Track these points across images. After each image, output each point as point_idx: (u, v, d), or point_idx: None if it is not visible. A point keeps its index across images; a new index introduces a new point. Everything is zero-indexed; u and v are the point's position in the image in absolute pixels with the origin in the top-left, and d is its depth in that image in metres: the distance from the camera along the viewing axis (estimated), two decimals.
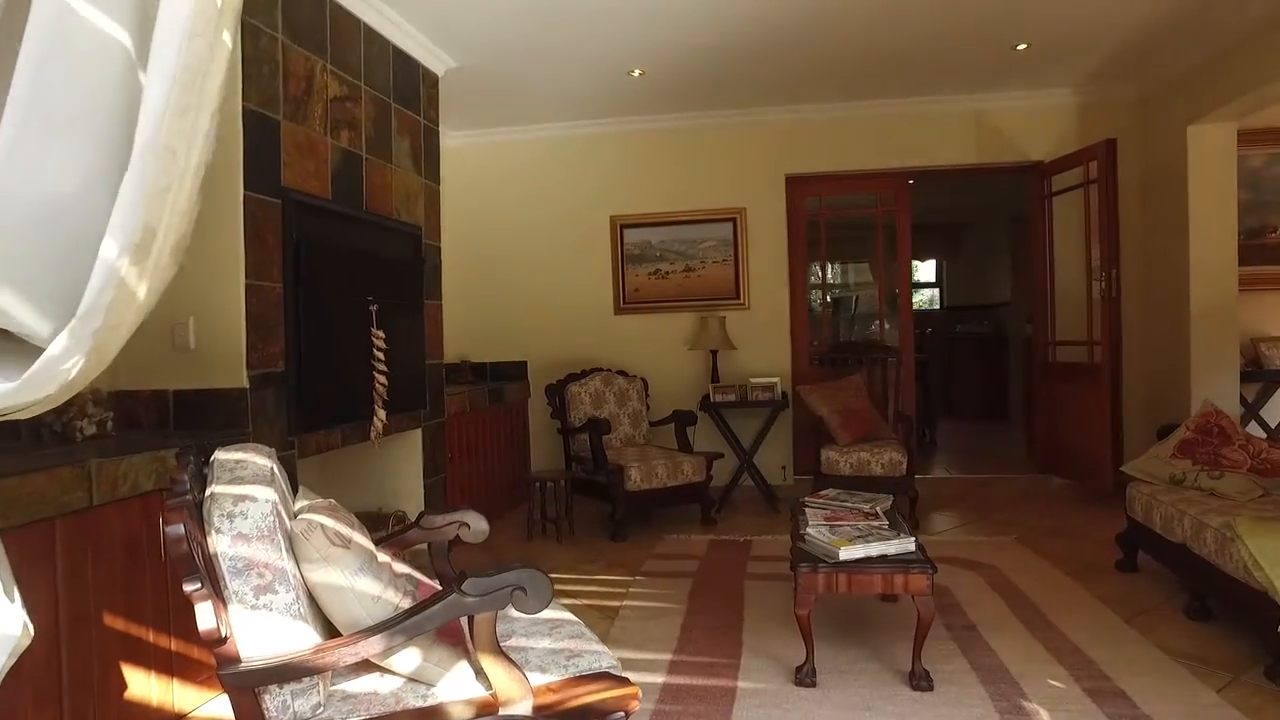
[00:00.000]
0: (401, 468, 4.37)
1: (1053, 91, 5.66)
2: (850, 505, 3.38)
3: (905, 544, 2.81)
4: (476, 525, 2.29)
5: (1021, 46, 4.74)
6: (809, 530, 2.93)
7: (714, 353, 5.90)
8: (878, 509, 3.35)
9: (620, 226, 6.19)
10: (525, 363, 6.25)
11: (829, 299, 9.77)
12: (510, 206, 6.31)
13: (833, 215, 6.26)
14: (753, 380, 5.77)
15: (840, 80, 5.37)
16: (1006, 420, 9.06)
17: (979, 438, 8.00)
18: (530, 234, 6.29)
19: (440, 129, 4.66)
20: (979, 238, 9.84)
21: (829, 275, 9.86)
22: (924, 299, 10.95)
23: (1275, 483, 3.63)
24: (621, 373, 5.80)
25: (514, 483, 5.89)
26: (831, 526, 3.05)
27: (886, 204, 6.09)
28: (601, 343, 6.20)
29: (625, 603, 3.75)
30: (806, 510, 3.31)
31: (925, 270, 11.01)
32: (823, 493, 3.60)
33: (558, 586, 4.11)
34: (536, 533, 5.01)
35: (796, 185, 6.07)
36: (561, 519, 4.94)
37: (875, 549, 2.77)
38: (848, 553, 2.73)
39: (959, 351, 9.68)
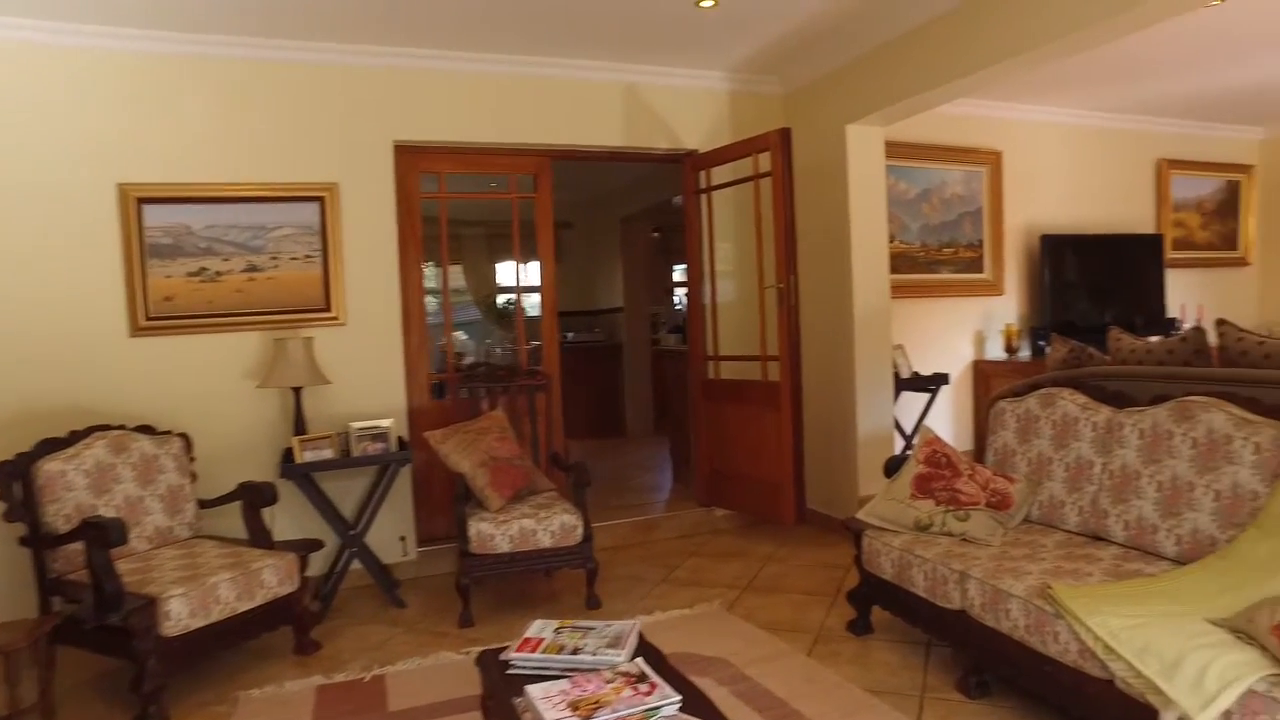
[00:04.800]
0: None
1: (707, 74, 4.96)
2: (595, 657, 2.04)
3: None
4: None
5: (707, 3, 3.86)
6: None
7: (297, 390, 4.08)
8: (636, 660, 2.07)
9: (138, 202, 4.00)
10: None
11: (466, 305, 8.30)
12: None
13: (457, 201, 4.82)
14: (356, 426, 4.09)
15: (468, 16, 3.98)
16: (624, 435, 8.51)
17: (604, 460, 7.22)
18: None
19: None
20: (584, 238, 9.19)
21: (453, 278, 8.38)
22: (529, 305, 10.04)
23: (1009, 516, 3.19)
24: (145, 429, 3.69)
25: None
26: None
27: (524, 188, 4.86)
28: (109, 383, 3.94)
29: None
30: (528, 693, 1.88)
31: (530, 273, 10.10)
32: (530, 637, 2.20)
33: None
34: None
35: (409, 157, 4.52)
36: (34, 710, 2.77)
37: None
38: None
39: (569, 363, 8.88)
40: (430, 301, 6.25)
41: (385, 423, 4.15)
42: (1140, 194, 6.74)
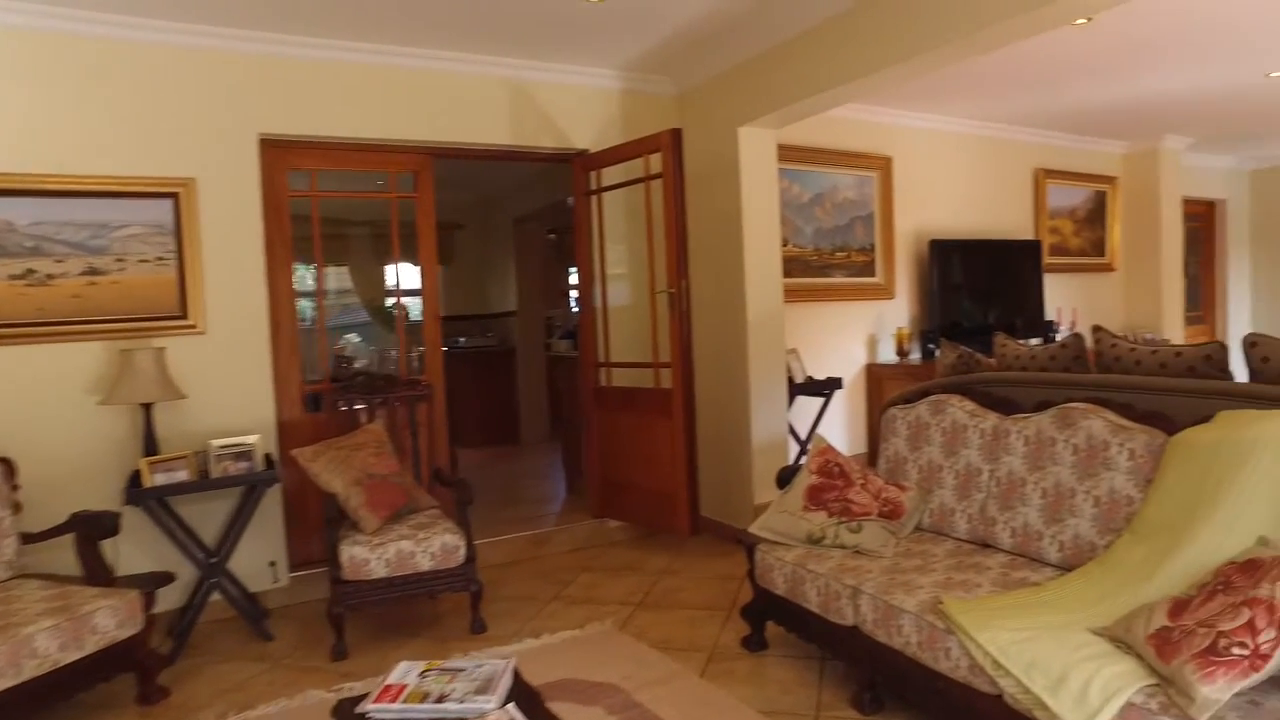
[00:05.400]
0: None
1: (598, 73, 4.80)
2: (463, 704, 1.85)
3: None
4: None
5: None
6: None
7: (147, 407, 3.70)
8: (508, 705, 1.89)
9: None
10: None
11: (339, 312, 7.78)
12: None
13: (344, 199, 4.51)
14: (217, 445, 3.73)
15: (345, 1, 3.70)
16: (518, 443, 8.26)
17: (497, 469, 6.99)
18: None
19: None
20: (476, 239, 8.88)
21: (341, 280, 7.89)
22: (415, 309, 9.64)
23: (900, 525, 3.17)
24: None
25: None
26: None
27: (404, 187, 4.58)
28: None
29: None
30: None
31: (413, 276, 9.70)
32: (392, 684, 1.99)
33: None
34: None
35: (277, 152, 4.18)
36: None
37: None
38: None
39: (460, 368, 8.57)
40: (307, 306, 5.89)
41: (250, 440, 3.81)
42: (1020, 201, 6.99)
